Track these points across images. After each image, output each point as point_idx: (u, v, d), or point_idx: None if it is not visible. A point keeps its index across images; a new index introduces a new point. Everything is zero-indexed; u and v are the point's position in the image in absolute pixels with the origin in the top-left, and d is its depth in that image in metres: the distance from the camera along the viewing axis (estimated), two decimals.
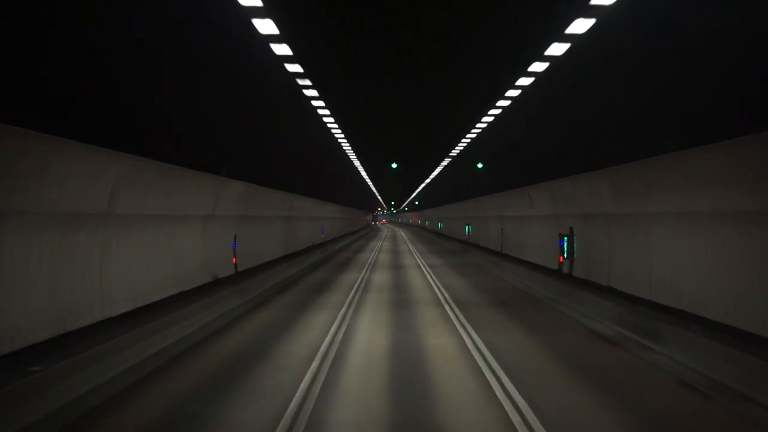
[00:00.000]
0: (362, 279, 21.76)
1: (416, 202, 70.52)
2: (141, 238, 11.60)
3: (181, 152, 11.79)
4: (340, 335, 11.42)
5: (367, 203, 75.04)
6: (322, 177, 29.59)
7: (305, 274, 23.38)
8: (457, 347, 10.47)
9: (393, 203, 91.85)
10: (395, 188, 59.68)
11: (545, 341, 10.88)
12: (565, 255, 17.87)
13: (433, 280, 21.49)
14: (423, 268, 25.95)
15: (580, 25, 7.84)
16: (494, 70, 10.87)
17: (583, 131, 12.96)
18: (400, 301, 16.59)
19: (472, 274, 23.45)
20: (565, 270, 18.01)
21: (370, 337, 11.50)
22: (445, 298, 16.96)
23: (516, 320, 13.12)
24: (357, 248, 43.09)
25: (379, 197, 72.54)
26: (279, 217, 24.60)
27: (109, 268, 10.25)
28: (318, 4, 8.09)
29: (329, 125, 16.84)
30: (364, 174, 36.68)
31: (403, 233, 76.24)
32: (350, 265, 27.79)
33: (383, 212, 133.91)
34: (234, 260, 17.77)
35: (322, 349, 10.22)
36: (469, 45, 9.58)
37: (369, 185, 48.47)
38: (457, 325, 12.45)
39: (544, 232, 20.78)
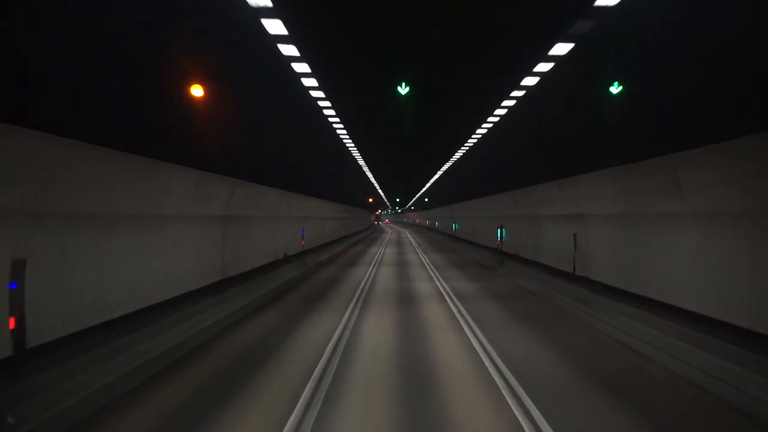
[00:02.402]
0: (342, 335, 11.49)
1: (426, 199, 60.25)
2: None
3: None
4: None
5: (369, 202, 65.27)
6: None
7: (231, 327, 12.99)
8: None
9: (398, 200, 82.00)
10: (401, 185, 55.04)
11: None
12: None
13: (477, 338, 11.24)
14: (450, 302, 15.65)
15: None
16: None
17: None
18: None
19: (554, 326, 13.09)
20: None
21: None
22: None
23: None
24: (350, 259, 32.74)
25: (382, 194, 62.85)
26: (197, 217, 14.40)
27: None
28: None
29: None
30: (365, 168, 32.67)
31: (409, 236, 65.92)
32: (330, 295, 17.45)
33: (387, 212, 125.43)
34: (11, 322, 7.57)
35: None
36: None
37: (371, 181, 42.96)
38: None
39: (702, 243, 10.59)
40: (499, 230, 30.19)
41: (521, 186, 22.42)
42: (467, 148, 23.44)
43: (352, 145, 23.94)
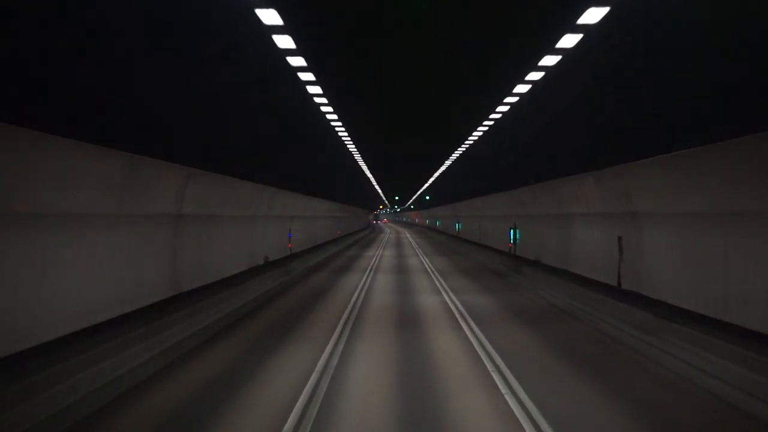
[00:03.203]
0: (314, 394, 7.76)
1: (427, 197, 56.64)
2: None
3: None
4: None
5: (367, 201, 61.78)
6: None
7: (144, 385, 9.13)
8: None
9: (397, 198, 78.49)
10: (401, 183, 52.47)
11: None
12: None
13: (519, 404, 7.48)
14: (465, 327, 12.01)
15: None
16: None
17: None
18: None
19: (624, 375, 9.31)
20: None
21: None
22: None
23: None
24: (343, 264, 29.09)
25: (380, 193, 59.44)
26: (126, 217, 10.73)
27: None
28: None
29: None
30: (361, 162, 30.59)
31: (409, 236, 62.24)
32: (310, 317, 13.75)
33: (386, 211, 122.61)
34: None
35: None
36: None
37: (369, 177, 40.31)
38: None
39: None
40: (512, 231, 26.57)
41: (543, 179, 18.83)
42: (476, 138, 20.17)
43: (348, 138, 21.24)
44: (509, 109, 14.70)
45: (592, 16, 7.68)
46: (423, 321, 12.65)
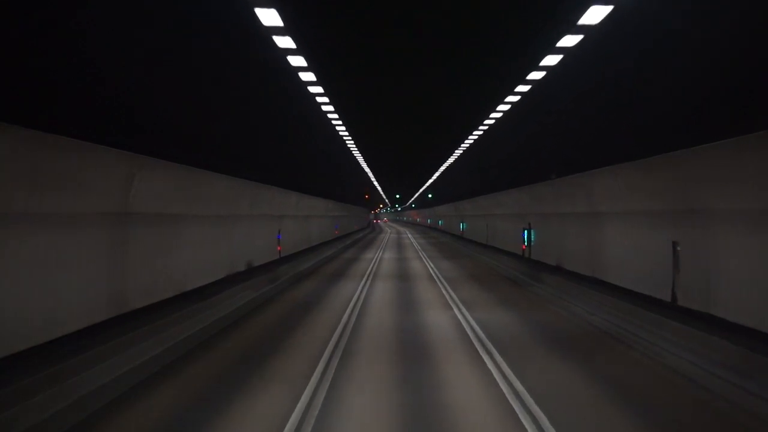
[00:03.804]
0: None
1: (429, 195, 53.92)
2: None
3: None
4: None
5: (366, 199, 59.07)
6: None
7: None
8: None
9: (398, 197, 75.82)
10: (402, 181, 49.85)
11: None
12: None
13: None
14: (492, 367, 9.24)
15: None
16: None
17: None
18: None
19: None
20: None
21: None
22: None
23: None
24: (338, 268, 26.34)
25: (381, 191, 56.86)
26: (37, 216, 7.98)
27: None
28: None
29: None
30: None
31: (410, 236, 59.45)
32: (286, 349, 10.81)
33: (386, 210, 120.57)
34: None
35: None
36: None
37: (368, 175, 38.14)
38: None
39: None
40: (526, 232, 23.83)
41: (567, 173, 16.10)
42: (485, 128, 17.72)
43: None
44: (528, 91, 12.15)
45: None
46: (433, 353, 9.87)
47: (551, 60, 9.70)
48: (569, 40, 8.68)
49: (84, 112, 8.01)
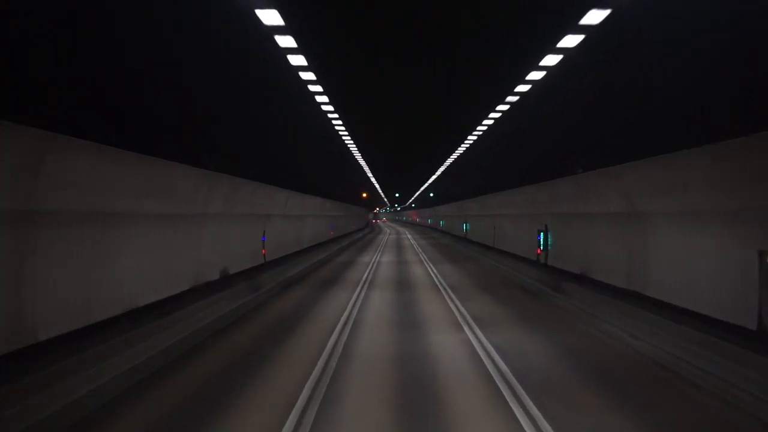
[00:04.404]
0: None
1: (431, 194, 51.35)
2: None
3: None
4: None
5: (364, 198, 56.54)
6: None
7: None
8: None
9: (397, 196, 73.35)
10: (402, 180, 47.63)
11: None
12: None
13: None
14: (523, 418, 6.60)
15: None
16: None
17: None
18: None
19: None
20: None
21: None
22: None
23: None
24: (330, 274, 23.69)
25: (380, 190, 54.44)
26: None
27: None
28: None
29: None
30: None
31: (410, 237, 56.77)
32: (255, 387, 8.31)
33: (386, 209, 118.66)
34: None
35: None
36: None
37: (366, 173, 36.11)
38: None
39: None
40: (542, 235, 21.22)
41: (600, 165, 13.49)
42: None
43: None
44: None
45: None
46: (445, 401, 7.24)
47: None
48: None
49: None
